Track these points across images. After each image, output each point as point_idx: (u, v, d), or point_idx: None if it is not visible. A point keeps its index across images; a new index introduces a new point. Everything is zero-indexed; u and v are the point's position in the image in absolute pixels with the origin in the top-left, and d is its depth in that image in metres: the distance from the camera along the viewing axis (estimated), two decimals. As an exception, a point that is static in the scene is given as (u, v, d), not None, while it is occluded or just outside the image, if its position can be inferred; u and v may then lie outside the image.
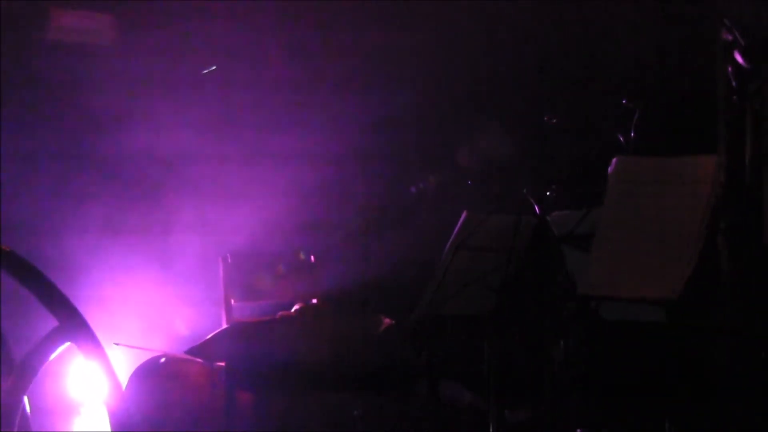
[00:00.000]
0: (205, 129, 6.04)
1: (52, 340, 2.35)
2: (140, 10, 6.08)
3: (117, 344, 5.10)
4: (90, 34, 5.94)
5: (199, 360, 4.94)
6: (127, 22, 6.11)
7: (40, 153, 5.70)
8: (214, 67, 6.20)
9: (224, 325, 5.17)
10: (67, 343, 2.35)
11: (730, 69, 3.04)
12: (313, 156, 6.08)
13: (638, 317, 3.87)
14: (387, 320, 5.00)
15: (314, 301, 5.34)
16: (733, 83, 3.09)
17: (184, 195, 6.05)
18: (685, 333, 3.88)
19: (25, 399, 2.41)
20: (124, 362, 5.13)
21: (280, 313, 5.16)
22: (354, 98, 6.22)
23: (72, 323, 2.33)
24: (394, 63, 6.28)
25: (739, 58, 3.00)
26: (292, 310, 5.17)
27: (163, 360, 5.06)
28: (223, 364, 4.86)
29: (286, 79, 6.25)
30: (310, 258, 5.54)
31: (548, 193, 4.28)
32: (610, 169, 3.88)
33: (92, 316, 2.41)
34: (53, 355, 2.38)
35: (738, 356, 3.97)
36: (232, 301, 5.31)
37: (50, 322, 2.35)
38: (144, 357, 5.09)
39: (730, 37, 3.00)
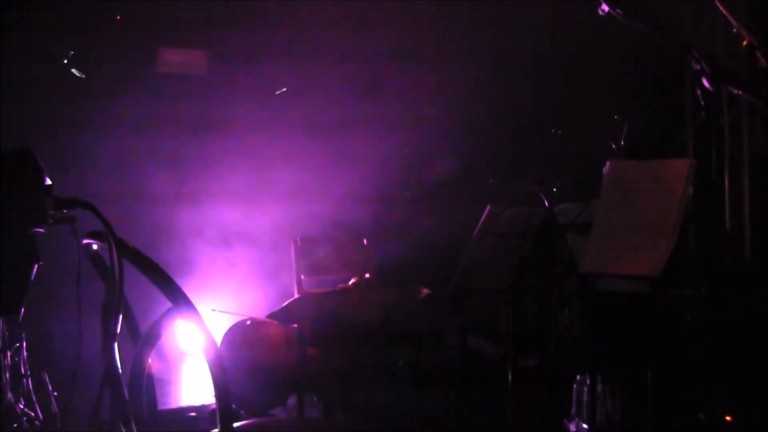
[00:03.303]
0: (277, 150, 6.08)
1: (167, 318, 2.44)
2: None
3: (213, 310, 5.14)
4: (189, 66, 5.98)
5: (277, 323, 4.98)
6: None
7: (152, 167, 5.77)
8: (284, 89, 6.24)
9: (296, 296, 5.21)
10: (179, 320, 2.44)
11: (698, 92, 3.06)
12: (364, 160, 6.10)
13: (627, 289, 3.89)
14: (425, 290, 4.99)
15: (367, 275, 5.35)
16: (701, 103, 3.10)
17: (263, 195, 6.09)
18: (663, 301, 3.89)
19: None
20: (219, 324, 5.19)
21: (340, 285, 5.19)
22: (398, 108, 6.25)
23: (181, 305, 2.41)
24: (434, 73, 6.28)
25: (705, 83, 3.02)
26: (350, 282, 5.19)
27: (248, 322, 5.08)
28: (296, 325, 4.89)
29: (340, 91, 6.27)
30: (363, 241, 5.54)
31: (555, 190, 4.25)
32: (604, 170, 3.89)
33: (196, 290, 2.50)
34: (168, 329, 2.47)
35: (703, 317, 3.97)
36: (302, 276, 5.32)
37: (166, 304, 2.44)
38: (234, 320, 5.13)
39: (698, 67, 3.02)
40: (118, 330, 2.33)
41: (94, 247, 2.49)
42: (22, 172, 2.09)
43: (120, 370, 2.30)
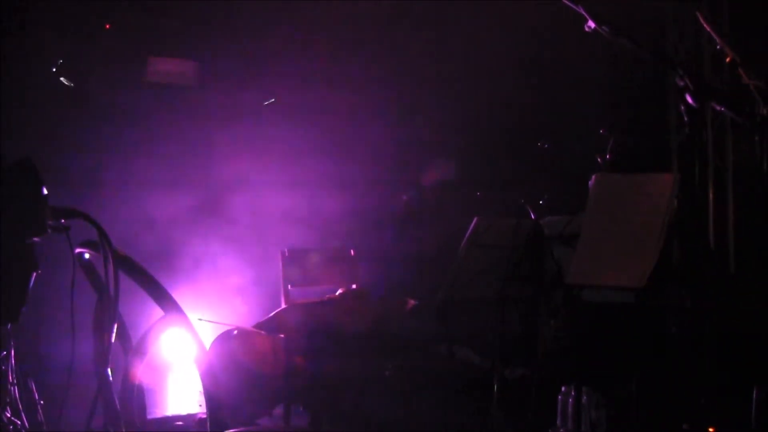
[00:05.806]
0: (264, 160, 6.11)
1: (159, 327, 2.48)
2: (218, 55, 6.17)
3: (200, 319, 5.11)
4: (179, 76, 6.00)
5: (264, 332, 4.97)
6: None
7: (143, 172, 5.78)
8: (273, 99, 6.27)
9: (283, 305, 5.22)
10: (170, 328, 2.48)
11: (682, 107, 3.14)
12: (351, 177, 6.16)
13: (612, 300, 3.98)
14: (411, 301, 5.03)
15: (354, 286, 5.33)
16: (686, 118, 3.19)
17: (251, 205, 6.12)
18: (648, 312, 3.96)
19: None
20: (205, 333, 5.10)
21: (327, 295, 5.19)
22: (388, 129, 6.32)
23: (174, 314, 2.45)
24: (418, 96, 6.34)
25: (689, 99, 3.09)
26: (336, 293, 5.18)
27: (235, 332, 5.02)
28: (282, 335, 4.89)
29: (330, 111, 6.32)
30: (350, 252, 5.57)
31: (541, 202, 4.33)
32: (590, 183, 3.96)
33: (182, 299, 2.52)
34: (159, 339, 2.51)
35: (687, 329, 4.04)
36: (289, 287, 5.33)
37: (152, 311, 2.46)
38: (221, 329, 5.07)
39: (682, 83, 3.10)
40: (113, 339, 2.36)
41: (86, 256, 2.52)
42: (24, 182, 2.13)
43: (111, 379, 2.35)
